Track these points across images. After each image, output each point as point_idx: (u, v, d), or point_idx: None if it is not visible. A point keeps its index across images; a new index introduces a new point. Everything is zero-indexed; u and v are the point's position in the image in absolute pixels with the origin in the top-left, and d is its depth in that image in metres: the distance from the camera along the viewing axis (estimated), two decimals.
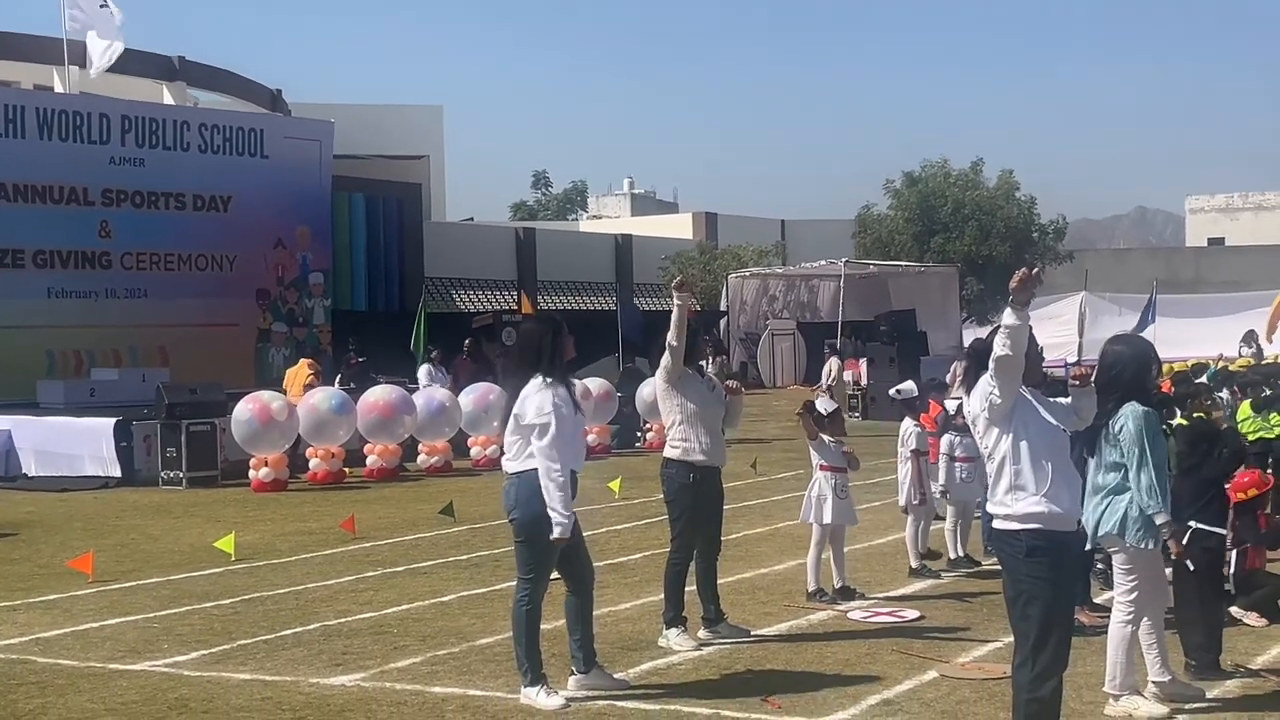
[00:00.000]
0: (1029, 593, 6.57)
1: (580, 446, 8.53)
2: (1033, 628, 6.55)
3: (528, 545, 8.19)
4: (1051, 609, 6.57)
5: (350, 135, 42.62)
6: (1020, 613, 6.60)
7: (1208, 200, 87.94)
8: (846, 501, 11.15)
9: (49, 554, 14.23)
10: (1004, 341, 6.53)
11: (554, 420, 8.07)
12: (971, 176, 52.08)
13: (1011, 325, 6.49)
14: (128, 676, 8.96)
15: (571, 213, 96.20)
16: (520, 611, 8.20)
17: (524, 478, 8.17)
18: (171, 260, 31.72)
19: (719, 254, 53.05)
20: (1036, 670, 6.54)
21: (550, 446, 8.04)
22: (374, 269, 42.44)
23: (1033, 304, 6.54)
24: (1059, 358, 39.40)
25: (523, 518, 8.18)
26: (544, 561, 8.20)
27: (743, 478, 19.79)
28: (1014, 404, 6.70)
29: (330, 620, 10.64)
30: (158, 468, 20.62)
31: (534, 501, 8.08)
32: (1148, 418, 7.77)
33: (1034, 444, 6.71)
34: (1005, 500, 6.71)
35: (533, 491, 8.09)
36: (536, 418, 8.13)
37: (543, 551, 8.15)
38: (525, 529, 8.19)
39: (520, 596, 8.23)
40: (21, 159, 28.77)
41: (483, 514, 16.19)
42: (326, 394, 20.91)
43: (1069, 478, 6.81)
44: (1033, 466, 6.68)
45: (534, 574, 8.20)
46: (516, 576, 8.33)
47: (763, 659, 9.20)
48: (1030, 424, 6.73)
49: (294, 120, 41.05)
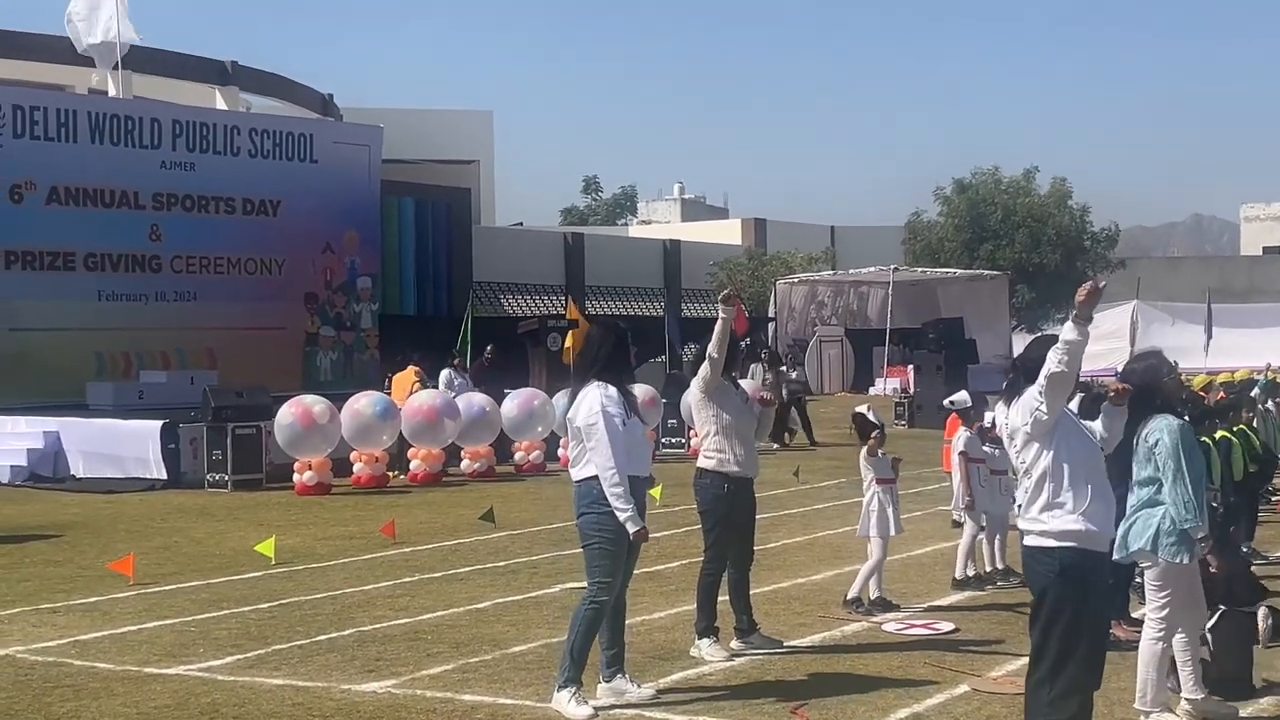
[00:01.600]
0: (1055, 611, 6.50)
1: (641, 452, 8.45)
2: (1054, 647, 6.47)
3: (593, 549, 8.22)
4: (1076, 628, 6.49)
5: (400, 140, 42.85)
6: (1043, 630, 6.53)
7: (1264, 208, 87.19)
8: (896, 512, 11.16)
9: (92, 556, 14.35)
10: (1061, 357, 6.43)
11: (602, 421, 8.08)
12: (1023, 184, 51.81)
13: (1071, 341, 6.39)
14: (161, 680, 9.01)
15: (621, 218, 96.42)
16: (582, 610, 8.21)
17: (584, 485, 8.22)
18: (221, 264, 31.95)
19: (768, 260, 53.00)
20: (1056, 691, 6.46)
21: (600, 448, 8.06)
22: (422, 274, 42.62)
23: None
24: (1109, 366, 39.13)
25: (583, 524, 8.24)
26: (613, 564, 8.19)
27: (785, 486, 19.76)
28: (1058, 420, 6.63)
29: (365, 626, 10.68)
30: (204, 470, 20.76)
31: (594, 507, 8.12)
32: (1183, 431, 7.70)
33: (1075, 461, 6.64)
34: (1041, 517, 6.63)
35: (593, 498, 8.12)
36: (586, 419, 8.18)
37: (606, 555, 8.15)
38: (587, 534, 8.23)
39: (589, 596, 8.24)
40: (74, 163, 29.05)
41: (523, 520, 16.22)
42: (370, 398, 20.99)
43: (1107, 497, 6.73)
44: (1072, 484, 6.61)
45: (602, 577, 8.20)
46: (588, 579, 8.33)
47: (794, 670, 9.16)
48: (1072, 440, 6.66)
49: (344, 125, 41.35)
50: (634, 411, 8.39)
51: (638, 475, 8.28)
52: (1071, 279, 50.13)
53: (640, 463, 8.36)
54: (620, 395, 8.32)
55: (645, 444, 8.64)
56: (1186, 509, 7.53)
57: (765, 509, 10.08)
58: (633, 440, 8.28)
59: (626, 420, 8.24)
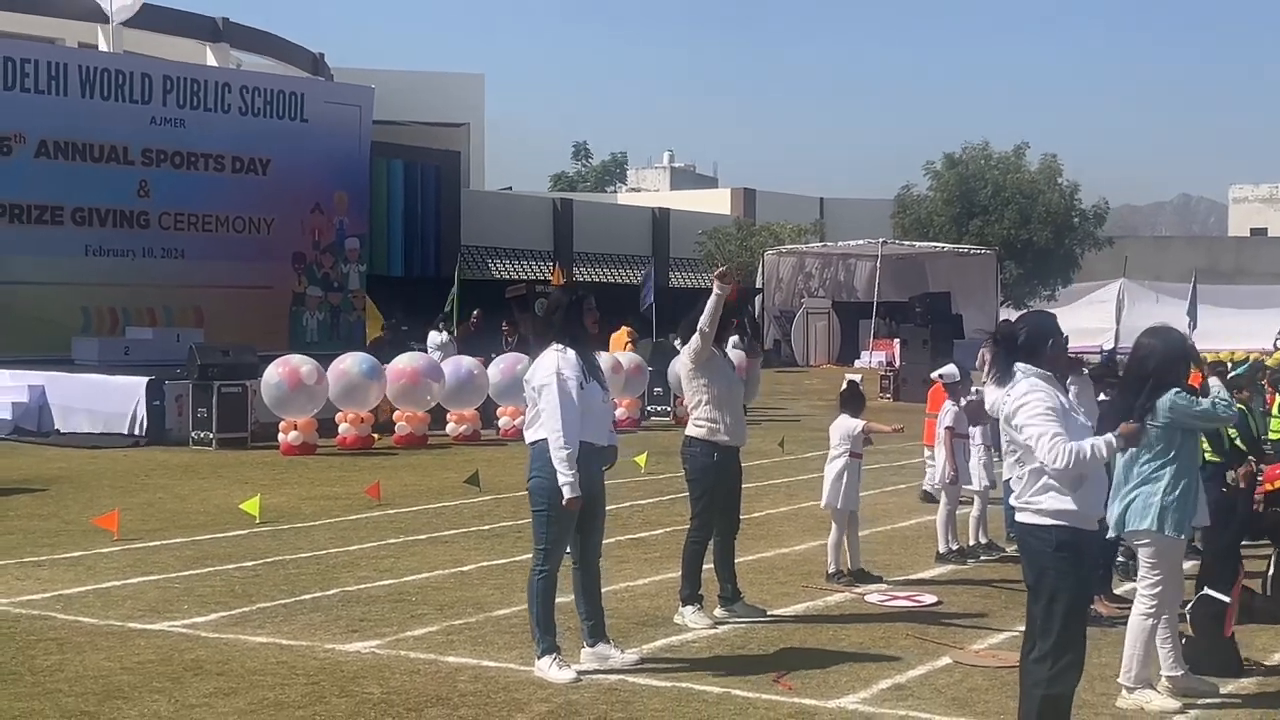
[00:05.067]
0: (1055, 586, 6.51)
1: (601, 419, 8.38)
2: (1056, 623, 6.49)
3: (538, 515, 8.22)
4: (1076, 604, 6.55)
5: (391, 101, 42.72)
6: (1045, 607, 6.53)
7: (1252, 190, 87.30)
8: (857, 486, 11.18)
9: (76, 511, 14.34)
10: (1097, 455, 6.57)
11: (555, 383, 8.05)
12: (1013, 160, 51.78)
13: (1103, 455, 6.62)
14: (146, 636, 9.02)
15: (610, 185, 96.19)
16: (534, 581, 8.22)
17: (537, 447, 8.19)
18: (209, 221, 31.88)
19: (756, 230, 52.96)
20: (1058, 667, 6.49)
21: (553, 411, 8.01)
22: (411, 235, 42.60)
23: (1073, 290, 6.47)
24: (1095, 344, 39.24)
25: (533, 487, 8.22)
26: (555, 532, 8.19)
27: (769, 456, 19.80)
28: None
29: (350, 586, 10.69)
30: (188, 428, 20.76)
31: (544, 471, 8.09)
32: (1177, 395, 7.74)
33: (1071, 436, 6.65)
34: (1035, 498, 6.64)
35: (544, 460, 8.10)
36: (540, 381, 8.15)
37: (550, 521, 8.16)
38: (534, 498, 8.23)
39: (535, 566, 8.26)
40: (63, 116, 28.93)
41: (508, 484, 16.22)
42: (356, 358, 20.98)
43: (1099, 477, 6.78)
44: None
45: (546, 544, 8.21)
46: (533, 546, 8.35)
47: (777, 639, 9.20)
48: (1069, 426, 6.66)
49: (335, 85, 41.20)
50: (594, 377, 8.29)
51: (593, 442, 8.22)
52: (1059, 256, 50.24)
53: (598, 430, 8.28)
54: (579, 359, 8.24)
55: (606, 411, 8.51)
56: (1215, 407, 7.78)
57: (750, 479, 10.09)
58: (590, 406, 8.18)
59: (585, 384, 8.17)
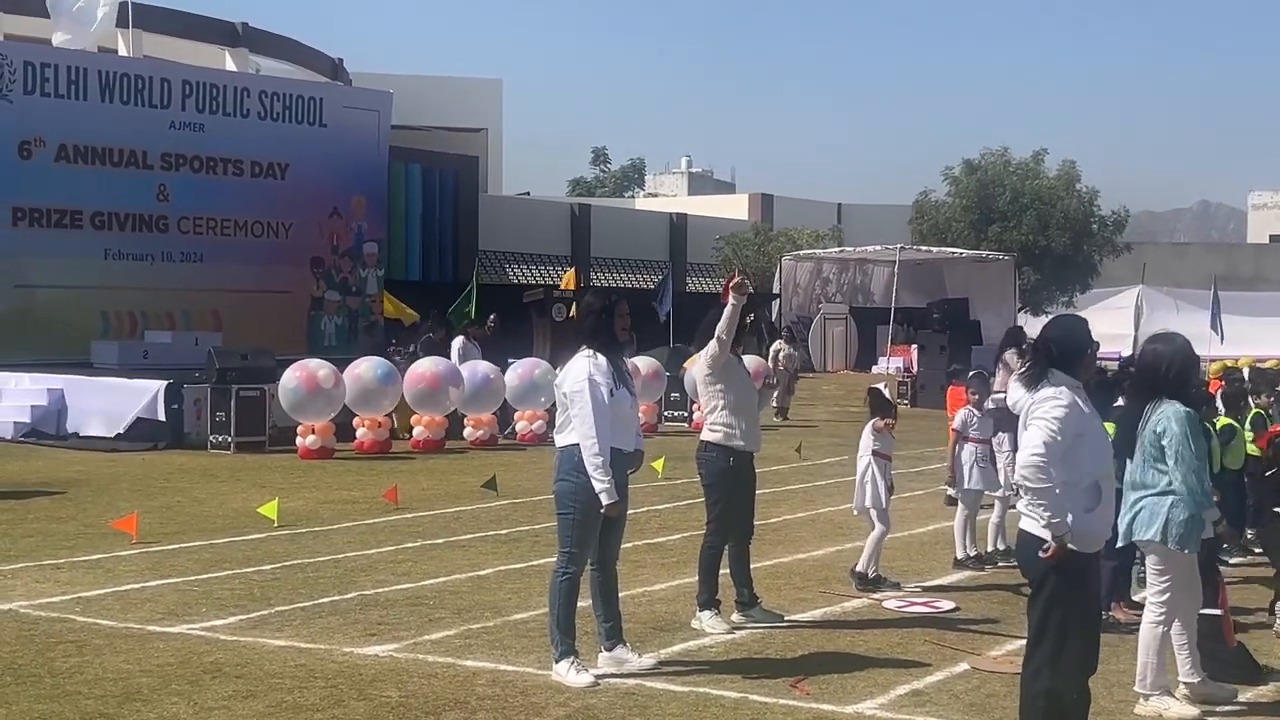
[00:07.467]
0: (1053, 599, 6.42)
1: (629, 425, 8.42)
2: (1051, 637, 6.40)
3: (565, 518, 8.24)
4: (1074, 613, 6.44)
5: (409, 106, 42.81)
6: (1042, 614, 6.46)
7: (1271, 197, 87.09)
8: (889, 488, 11.18)
9: (95, 514, 14.38)
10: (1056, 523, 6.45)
11: (587, 389, 8.08)
12: (1032, 166, 51.67)
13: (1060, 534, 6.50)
14: (165, 639, 9.05)
15: (628, 190, 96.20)
16: (556, 583, 8.24)
17: (566, 451, 8.22)
18: (228, 226, 31.91)
19: (774, 236, 52.94)
20: (1055, 676, 6.37)
21: (585, 417, 8.05)
22: (429, 240, 42.66)
23: (1091, 296, 6.39)
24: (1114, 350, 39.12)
25: (560, 490, 8.25)
26: (581, 535, 8.21)
27: (787, 461, 19.79)
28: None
29: (368, 590, 10.71)
30: (207, 431, 20.80)
31: (572, 474, 8.12)
32: (1189, 418, 7.70)
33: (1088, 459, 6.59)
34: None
35: (572, 465, 8.13)
36: (572, 387, 8.18)
37: (576, 524, 8.18)
38: (561, 501, 8.25)
39: (558, 568, 8.28)
40: (83, 121, 28.97)
41: (525, 489, 16.25)
42: (371, 364, 21.02)
43: (1109, 501, 6.67)
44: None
45: (571, 547, 8.23)
46: (557, 549, 8.37)
47: (795, 645, 9.20)
48: (1088, 433, 6.61)
49: (353, 90, 41.24)
50: (623, 383, 8.33)
51: (622, 449, 8.25)
52: (1078, 262, 50.10)
53: (626, 435, 8.33)
54: (610, 365, 8.28)
55: (634, 418, 8.56)
56: (1201, 493, 7.57)
57: (767, 484, 10.09)
58: (619, 412, 8.24)
59: (615, 391, 8.21)
